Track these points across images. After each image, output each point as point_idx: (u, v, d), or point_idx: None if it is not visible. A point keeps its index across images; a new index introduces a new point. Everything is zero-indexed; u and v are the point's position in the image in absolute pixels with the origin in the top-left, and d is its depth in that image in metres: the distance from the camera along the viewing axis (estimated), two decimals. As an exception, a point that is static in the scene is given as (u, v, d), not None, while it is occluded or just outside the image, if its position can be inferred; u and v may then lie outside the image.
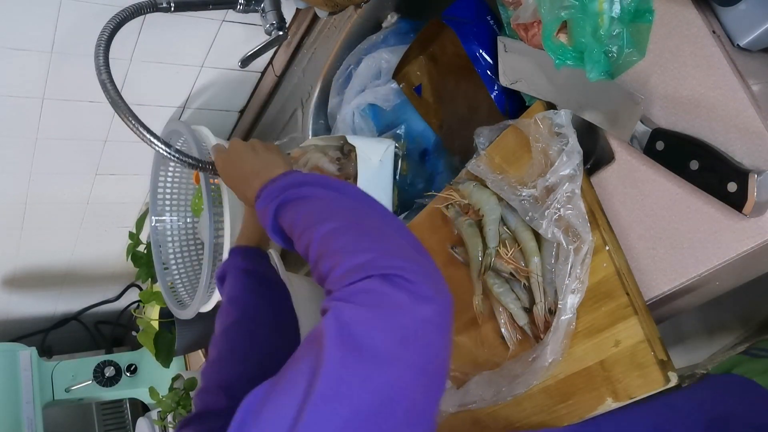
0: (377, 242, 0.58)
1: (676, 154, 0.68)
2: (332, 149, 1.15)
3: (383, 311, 0.50)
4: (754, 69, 0.66)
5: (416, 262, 0.55)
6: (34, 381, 1.71)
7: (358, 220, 0.62)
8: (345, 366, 0.48)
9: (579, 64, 0.71)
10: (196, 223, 1.51)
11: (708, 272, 0.69)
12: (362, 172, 1.05)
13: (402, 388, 0.49)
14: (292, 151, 1.20)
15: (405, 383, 0.49)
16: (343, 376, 0.48)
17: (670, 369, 0.69)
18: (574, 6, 0.68)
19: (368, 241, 0.58)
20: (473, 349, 0.90)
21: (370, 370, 0.48)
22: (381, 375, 0.48)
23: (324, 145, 1.15)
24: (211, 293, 1.32)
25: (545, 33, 0.70)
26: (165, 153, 1.00)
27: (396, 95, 1.11)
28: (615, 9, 0.69)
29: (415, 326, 0.50)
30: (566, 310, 0.75)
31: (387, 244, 0.58)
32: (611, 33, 0.69)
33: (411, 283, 0.52)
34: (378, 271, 0.52)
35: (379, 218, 0.64)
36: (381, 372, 0.48)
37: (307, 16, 1.21)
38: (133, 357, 1.98)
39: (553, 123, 0.78)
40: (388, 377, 0.48)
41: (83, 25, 1.09)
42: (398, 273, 0.52)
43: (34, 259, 1.83)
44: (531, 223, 0.79)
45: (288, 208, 0.69)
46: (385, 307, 0.51)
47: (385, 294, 0.51)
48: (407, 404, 0.49)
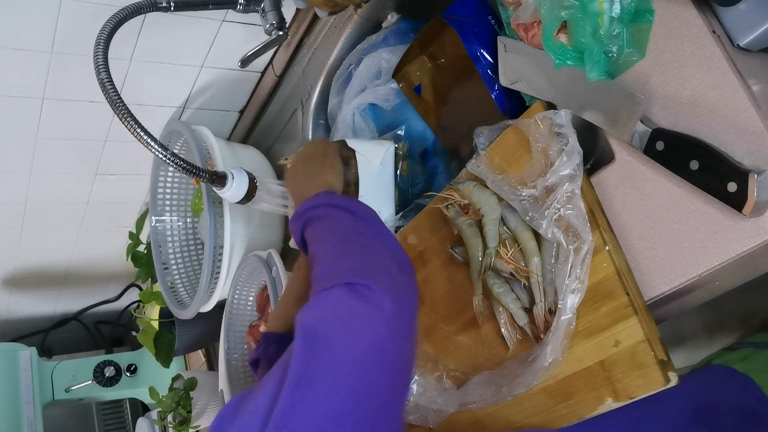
0: (359, 257, 0.65)
1: (676, 154, 0.68)
2: None
3: (343, 317, 0.57)
4: (754, 69, 0.66)
5: (388, 276, 0.63)
6: (34, 381, 1.71)
7: (347, 237, 0.70)
8: (308, 366, 0.54)
9: (579, 64, 0.71)
10: (196, 223, 1.51)
11: (708, 272, 0.69)
12: (363, 176, 1.05)
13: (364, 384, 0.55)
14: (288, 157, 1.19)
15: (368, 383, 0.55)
16: (308, 369, 0.54)
17: (670, 369, 0.69)
18: (574, 6, 0.67)
19: (350, 255, 0.66)
20: (473, 349, 0.90)
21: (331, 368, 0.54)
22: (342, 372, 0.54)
23: None
24: (211, 293, 1.33)
25: (545, 33, 0.70)
26: (162, 157, 0.99)
27: (396, 95, 1.11)
28: (615, 9, 0.68)
29: (372, 331, 0.57)
30: (566, 310, 0.75)
31: (367, 259, 0.65)
32: (611, 33, 0.69)
33: (373, 293, 0.59)
34: (344, 280, 0.60)
35: (374, 237, 0.72)
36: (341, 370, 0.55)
37: (307, 16, 1.21)
38: (133, 357, 1.98)
39: (553, 123, 0.78)
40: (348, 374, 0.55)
41: (83, 25, 1.09)
42: (363, 283, 0.59)
43: (34, 259, 1.83)
44: (531, 223, 0.79)
45: (309, 226, 0.78)
46: (345, 313, 0.58)
47: (347, 302, 0.58)
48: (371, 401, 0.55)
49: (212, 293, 1.32)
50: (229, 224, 1.24)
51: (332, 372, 0.54)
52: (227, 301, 1.35)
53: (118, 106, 0.96)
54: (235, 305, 1.36)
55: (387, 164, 1.09)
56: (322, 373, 0.54)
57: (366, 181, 1.05)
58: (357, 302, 0.58)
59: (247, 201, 1.06)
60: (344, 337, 0.56)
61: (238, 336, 1.36)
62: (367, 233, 0.72)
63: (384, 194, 1.09)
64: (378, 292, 0.58)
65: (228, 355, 1.35)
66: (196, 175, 1.03)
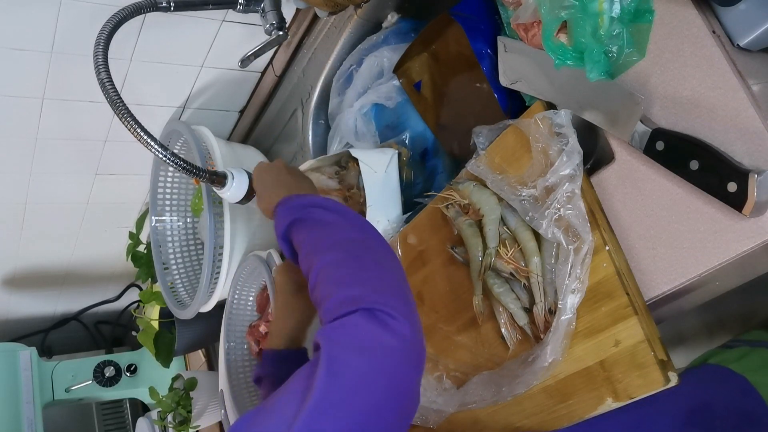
0: (369, 277, 0.65)
1: (676, 154, 0.68)
2: (328, 166, 1.15)
3: (366, 346, 0.59)
4: (754, 69, 0.66)
5: (401, 299, 0.63)
6: (34, 381, 1.71)
7: (356, 254, 0.69)
8: (330, 391, 0.56)
9: (579, 64, 0.71)
10: (196, 223, 1.51)
11: (708, 272, 0.69)
12: (369, 185, 1.05)
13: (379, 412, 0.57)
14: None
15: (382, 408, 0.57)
16: (329, 400, 0.55)
17: (670, 369, 0.69)
18: (574, 6, 0.68)
19: (361, 275, 0.65)
20: (473, 349, 0.90)
21: (352, 395, 0.56)
22: (361, 400, 0.56)
23: (319, 166, 1.15)
24: (211, 293, 1.32)
25: (545, 33, 0.70)
26: (162, 157, 0.99)
27: (398, 92, 1.11)
28: (615, 9, 0.68)
29: (391, 359, 0.59)
30: (566, 310, 0.75)
31: (378, 280, 0.65)
32: (611, 33, 0.69)
33: (393, 319, 0.59)
34: (365, 306, 0.60)
35: (377, 253, 0.71)
36: (361, 397, 0.56)
37: (307, 16, 1.21)
38: (133, 357, 1.98)
39: (553, 123, 0.78)
40: (367, 402, 0.57)
41: (83, 25, 1.09)
42: (383, 309, 0.60)
43: (34, 259, 1.83)
44: (531, 223, 0.79)
45: (301, 226, 0.76)
46: (368, 341, 0.59)
47: (369, 330, 0.59)
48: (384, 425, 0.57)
49: (212, 293, 1.32)
50: (229, 224, 1.24)
51: (354, 399, 0.56)
52: (227, 301, 1.35)
53: (118, 106, 0.96)
54: (235, 305, 1.36)
55: (391, 172, 1.09)
56: (344, 399, 0.56)
57: (372, 190, 1.06)
58: (378, 329, 0.59)
59: (247, 201, 1.06)
60: (367, 365, 0.57)
61: (238, 336, 1.36)
62: (371, 245, 0.72)
63: (391, 202, 1.09)
64: (398, 319, 0.60)
65: (228, 355, 1.35)
66: (196, 175, 1.03)
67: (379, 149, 1.12)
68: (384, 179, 1.08)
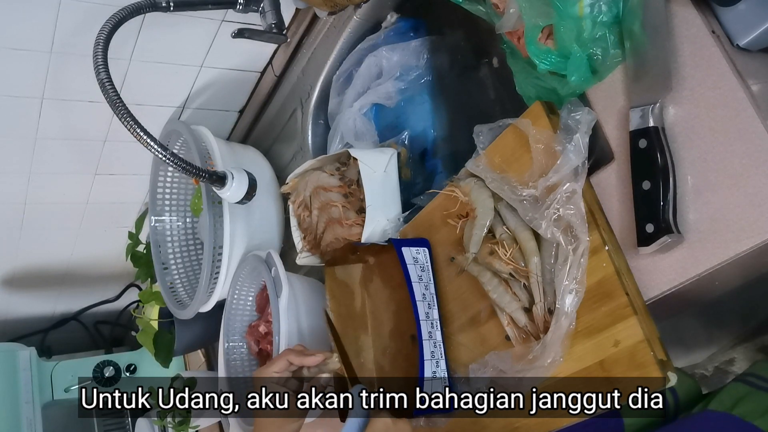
0: None
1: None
2: (329, 164, 1.15)
3: None
4: (754, 69, 0.66)
5: None
6: (33, 381, 1.71)
7: None
8: None
9: (561, 68, 0.71)
10: (196, 223, 1.51)
11: (708, 272, 0.69)
12: (368, 185, 1.05)
13: None
14: (288, 181, 1.19)
15: None
16: None
17: (670, 369, 0.69)
18: (555, 12, 0.68)
19: None
20: (473, 349, 0.90)
21: None
22: None
23: (319, 166, 1.15)
24: (211, 293, 1.32)
25: (528, 38, 0.72)
26: (161, 157, 0.99)
27: (398, 92, 1.11)
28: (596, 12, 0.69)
29: None
30: (566, 310, 0.75)
31: None
32: (594, 36, 0.70)
33: None
34: None
35: None
36: None
37: (306, 16, 1.21)
38: (133, 357, 1.98)
39: (553, 123, 0.78)
40: None
41: (82, 25, 1.09)
42: None
43: (34, 259, 1.82)
44: (530, 223, 0.79)
45: None
46: None
47: None
48: None
49: (212, 293, 1.32)
50: (229, 224, 1.24)
51: None
52: (227, 301, 1.35)
53: (118, 106, 0.96)
54: (234, 305, 1.35)
55: (391, 171, 1.09)
56: None
57: (371, 190, 1.06)
58: None
59: (247, 201, 1.06)
60: None
61: (238, 336, 1.36)
62: None
63: (391, 201, 1.09)
64: None
65: (227, 355, 1.35)
66: (196, 175, 1.03)
67: (379, 149, 1.12)
68: (383, 179, 1.08)
